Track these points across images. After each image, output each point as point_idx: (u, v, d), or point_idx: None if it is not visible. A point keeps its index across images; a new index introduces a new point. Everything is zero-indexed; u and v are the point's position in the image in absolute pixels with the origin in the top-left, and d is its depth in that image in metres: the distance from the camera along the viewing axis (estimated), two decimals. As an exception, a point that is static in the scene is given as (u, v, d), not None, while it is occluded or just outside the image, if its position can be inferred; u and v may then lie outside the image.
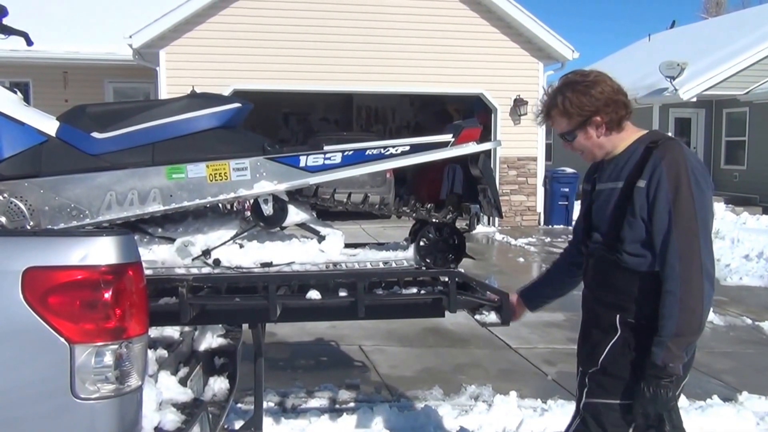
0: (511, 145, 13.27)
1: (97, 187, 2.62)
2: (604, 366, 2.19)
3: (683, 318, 2.00)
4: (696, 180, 2.03)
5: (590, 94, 2.13)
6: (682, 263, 2.00)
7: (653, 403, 2.04)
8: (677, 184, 2.02)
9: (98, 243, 1.79)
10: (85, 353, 1.75)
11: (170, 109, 2.70)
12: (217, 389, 2.86)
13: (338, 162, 2.71)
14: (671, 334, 2.01)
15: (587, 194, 2.34)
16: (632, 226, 2.09)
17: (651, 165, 2.07)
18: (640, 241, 2.10)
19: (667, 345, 2.01)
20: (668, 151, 2.07)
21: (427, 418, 3.99)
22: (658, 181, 2.04)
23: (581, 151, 2.25)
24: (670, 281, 2.02)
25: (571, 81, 2.18)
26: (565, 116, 2.18)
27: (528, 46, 13.32)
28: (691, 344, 2.06)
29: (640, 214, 2.07)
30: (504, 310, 2.61)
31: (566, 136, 2.22)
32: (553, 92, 2.21)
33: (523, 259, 10.08)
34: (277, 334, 5.69)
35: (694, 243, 2.01)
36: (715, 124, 17.90)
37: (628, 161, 2.15)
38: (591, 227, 2.27)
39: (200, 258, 2.73)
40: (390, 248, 2.96)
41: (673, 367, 2.02)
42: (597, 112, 2.14)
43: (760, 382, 4.77)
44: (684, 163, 2.04)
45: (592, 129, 2.17)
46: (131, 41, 11.64)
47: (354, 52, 12.47)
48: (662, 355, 2.02)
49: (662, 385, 2.02)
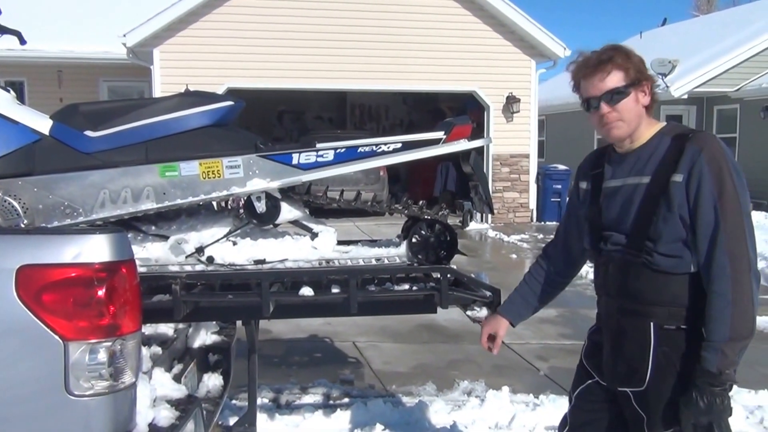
0: (503, 142, 13.33)
1: (91, 186, 2.64)
2: (654, 385, 2.01)
3: (737, 320, 1.85)
4: (738, 173, 1.92)
5: (644, 63, 2.06)
6: (732, 262, 1.86)
7: (708, 414, 1.87)
8: (721, 180, 1.89)
9: (91, 241, 1.81)
10: (79, 350, 1.77)
11: (163, 108, 2.72)
12: (211, 386, 2.88)
13: (330, 159, 2.73)
14: (725, 338, 1.86)
15: (587, 193, 2.19)
16: (668, 222, 1.93)
17: (688, 158, 1.92)
18: (678, 240, 1.94)
19: (721, 350, 1.86)
20: (706, 144, 1.93)
21: (421, 413, 4.02)
22: (700, 175, 1.89)
23: (618, 118, 2.02)
24: (720, 282, 1.87)
25: (623, 46, 2.08)
26: (622, 70, 2.01)
27: (520, 43, 13.35)
28: (744, 348, 1.90)
29: (678, 212, 1.92)
30: (495, 306, 2.63)
31: (618, 91, 2.00)
32: (609, 48, 2.05)
33: (515, 256, 10.12)
34: (272, 331, 5.71)
35: (742, 240, 1.88)
36: (706, 121, 17.97)
37: (653, 154, 2.01)
38: (602, 228, 2.11)
39: (194, 255, 2.74)
40: (382, 245, 2.98)
41: (729, 373, 1.87)
42: (649, 80, 2.05)
43: (751, 376, 4.80)
44: (723, 156, 1.92)
45: (641, 93, 2.03)
46: (125, 40, 11.61)
47: (348, 51, 12.48)
48: (717, 362, 1.86)
49: (717, 393, 1.86)
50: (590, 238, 2.17)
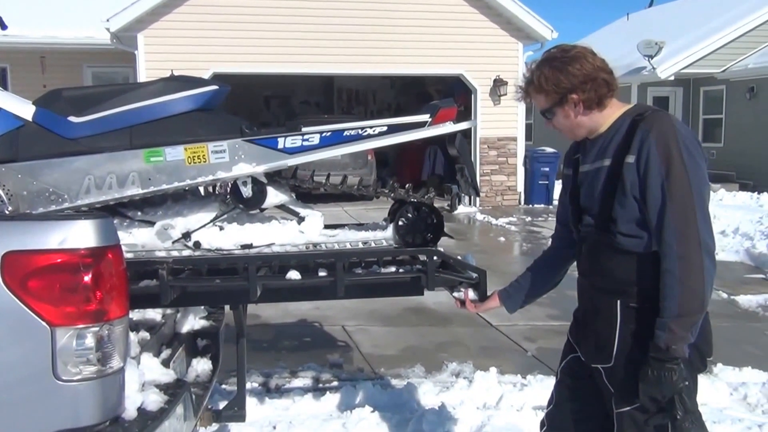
0: (491, 125, 13.34)
1: (75, 171, 2.62)
2: (620, 362, 2.05)
3: (684, 297, 1.89)
4: (688, 151, 1.91)
5: (567, 71, 2.02)
6: (679, 240, 1.89)
7: (659, 388, 1.92)
8: (668, 157, 1.90)
9: (77, 226, 1.81)
10: (66, 336, 1.77)
11: (147, 92, 2.70)
12: (200, 370, 2.89)
13: (316, 143, 2.73)
14: (673, 314, 1.89)
15: (569, 179, 2.24)
16: (624, 204, 1.97)
17: (639, 139, 1.95)
18: (634, 220, 1.98)
19: (669, 326, 1.90)
20: (656, 123, 1.95)
21: (409, 395, 4.05)
22: (648, 155, 1.92)
23: (563, 128, 2.14)
24: (668, 260, 1.90)
25: (550, 57, 2.08)
26: (542, 93, 2.08)
27: (507, 26, 13.32)
28: (695, 324, 1.92)
29: (631, 192, 1.96)
30: (481, 288, 2.65)
31: (545, 113, 2.13)
32: (533, 68, 2.11)
33: (503, 239, 10.16)
34: (261, 316, 5.72)
35: (691, 218, 1.89)
36: (693, 103, 18.06)
37: (614, 137, 2.04)
38: (581, 211, 2.16)
39: (180, 241, 2.74)
40: (369, 228, 2.99)
41: (675, 349, 1.90)
42: (573, 90, 2.03)
43: (735, 354, 4.88)
44: (674, 134, 1.92)
45: (569, 107, 2.06)
46: (108, 25, 11.48)
47: (334, 34, 12.40)
48: (665, 337, 1.90)
49: (667, 368, 1.90)
50: (572, 220, 2.24)
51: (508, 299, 2.49)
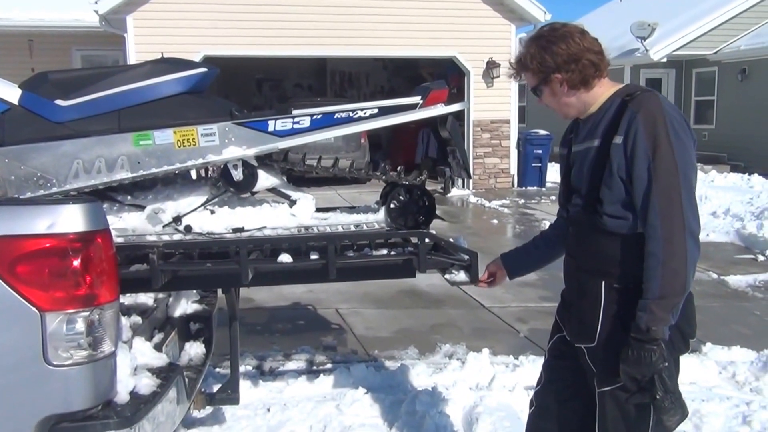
0: (484, 107, 13.31)
1: (63, 156, 2.60)
2: (603, 342, 2.06)
3: (666, 279, 1.89)
4: (675, 132, 1.91)
5: (551, 50, 2.02)
6: (664, 222, 1.89)
7: (638, 368, 1.93)
8: (655, 138, 1.90)
9: (65, 211, 1.80)
10: (57, 320, 1.77)
11: (135, 75, 2.67)
12: (193, 354, 2.89)
13: (307, 126, 2.71)
14: (655, 296, 1.91)
15: (564, 158, 2.24)
16: (610, 185, 1.98)
17: (626, 119, 1.94)
18: (620, 201, 1.98)
19: (650, 307, 1.91)
20: (644, 103, 1.95)
21: (403, 377, 4.07)
22: (635, 136, 1.92)
23: (552, 106, 2.15)
24: (652, 241, 1.91)
25: (538, 34, 2.09)
26: (528, 71, 2.10)
27: (500, 8, 13.24)
28: (676, 306, 1.93)
29: (618, 173, 1.96)
30: (473, 269, 2.65)
31: (534, 91, 2.14)
32: (523, 45, 2.13)
33: (496, 221, 10.18)
34: (255, 300, 5.73)
35: (676, 200, 1.89)
36: (685, 84, 18.05)
37: (604, 117, 2.04)
38: (571, 191, 2.16)
39: (171, 225, 2.73)
40: (361, 211, 2.99)
41: (656, 330, 1.91)
42: (557, 70, 2.03)
43: (724, 333, 4.92)
44: (661, 115, 1.92)
45: (554, 86, 2.07)
46: (97, 7, 11.36)
47: (326, 16, 12.30)
48: (645, 318, 1.92)
49: (647, 349, 1.91)
50: (562, 200, 2.25)
51: (513, 264, 2.54)
